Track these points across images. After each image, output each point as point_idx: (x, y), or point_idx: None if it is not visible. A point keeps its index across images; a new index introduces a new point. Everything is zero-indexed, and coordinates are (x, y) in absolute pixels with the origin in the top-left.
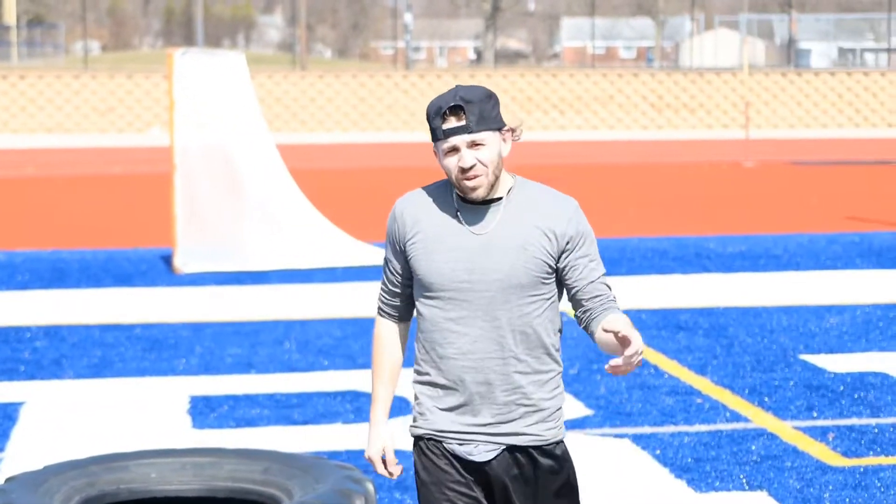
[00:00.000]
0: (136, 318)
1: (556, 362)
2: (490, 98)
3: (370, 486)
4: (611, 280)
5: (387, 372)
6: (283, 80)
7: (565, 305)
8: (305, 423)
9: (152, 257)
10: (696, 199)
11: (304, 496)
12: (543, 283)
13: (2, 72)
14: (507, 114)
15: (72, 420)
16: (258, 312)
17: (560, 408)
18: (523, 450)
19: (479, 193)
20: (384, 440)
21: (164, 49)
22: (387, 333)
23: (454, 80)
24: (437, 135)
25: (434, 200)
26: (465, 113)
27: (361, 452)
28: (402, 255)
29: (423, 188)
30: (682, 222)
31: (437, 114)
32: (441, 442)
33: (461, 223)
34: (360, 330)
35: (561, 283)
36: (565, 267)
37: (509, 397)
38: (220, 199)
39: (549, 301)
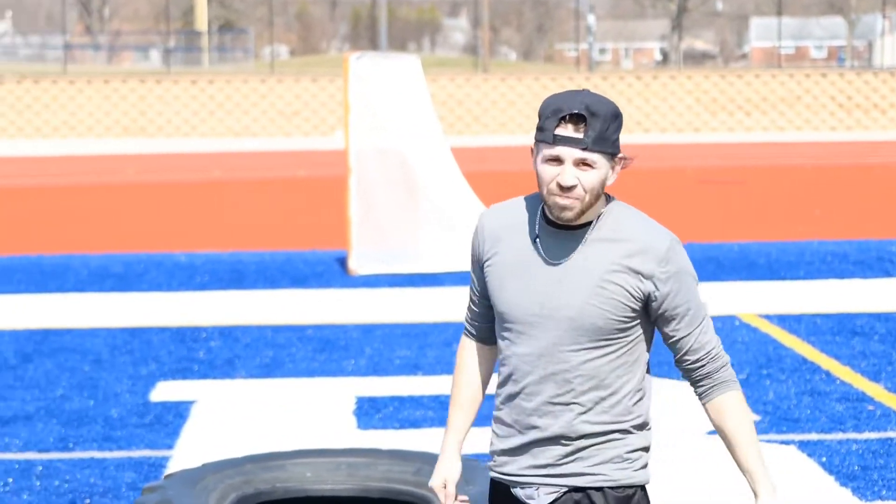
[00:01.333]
0: (308, 320)
1: (632, 416)
2: (616, 118)
3: None
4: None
5: (463, 397)
6: (465, 83)
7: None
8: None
9: (328, 259)
10: (883, 201)
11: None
12: (623, 329)
13: (191, 77)
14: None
15: (240, 419)
16: (429, 314)
17: (637, 450)
18: (582, 490)
19: (567, 216)
20: (447, 472)
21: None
22: (467, 355)
23: (637, 81)
24: (546, 137)
25: (518, 219)
26: (586, 125)
27: None
28: (481, 273)
29: (513, 201)
30: (867, 225)
31: (554, 114)
32: (508, 486)
33: (538, 249)
34: None
35: (655, 331)
36: (658, 318)
37: (570, 443)
38: (394, 202)
39: (629, 349)
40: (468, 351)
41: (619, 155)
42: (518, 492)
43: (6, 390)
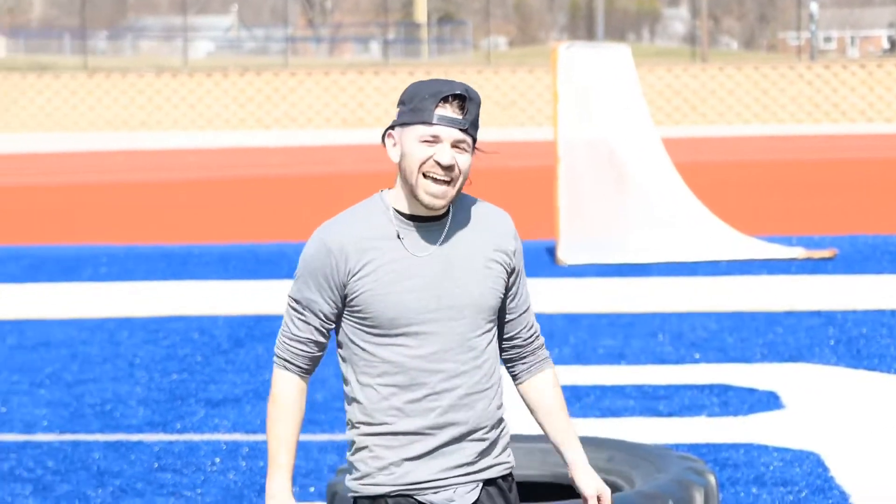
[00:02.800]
0: None
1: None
2: (480, 106)
3: (712, 479)
4: None
5: (292, 437)
6: (682, 73)
7: None
8: (670, 414)
9: (537, 249)
10: None
11: (643, 485)
12: (500, 305)
13: (409, 68)
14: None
15: None
16: (635, 305)
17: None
18: (493, 482)
19: (439, 204)
20: None
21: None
22: (290, 391)
23: (861, 70)
24: (426, 117)
25: (369, 226)
26: (465, 107)
27: (723, 446)
28: (337, 294)
29: (347, 213)
30: None
31: (433, 96)
32: (411, 496)
33: (410, 247)
34: (738, 323)
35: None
36: (507, 293)
37: (489, 432)
38: (603, 192)
39: (497, 325)
40: (291, 386)
41: (476, 145)
42: (431, 497)
43: (218, 374)
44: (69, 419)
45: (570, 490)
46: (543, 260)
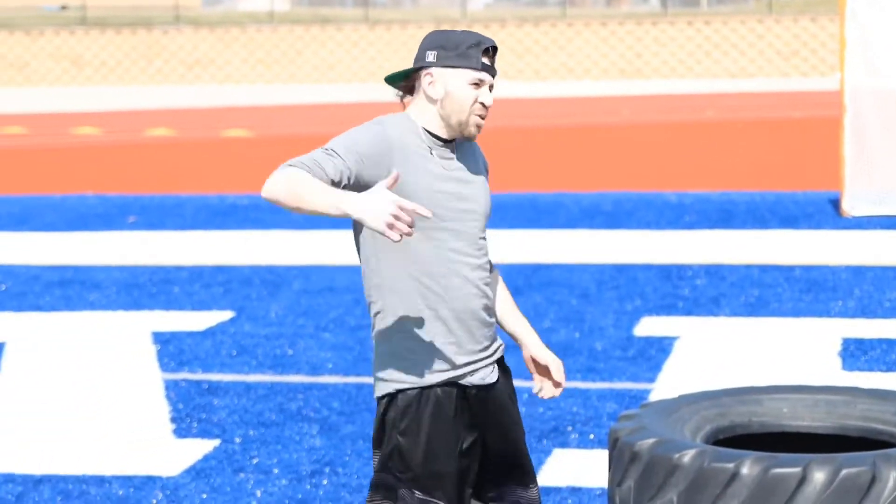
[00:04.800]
0: (797, 260)
1: None
2: None
3: None
4: None
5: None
6: None
7: None
8: None
9: (820, 200)
10: None
11: None
12: None
13: (688, 18)
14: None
15: (722, 356)
16: None
17: None
18: (500, 361)
19: (476, 133)
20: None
21: None
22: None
23: None
24: (474, 64)
25: (410, 133)
26: (494, 57)
27: None
28: (368, 171)
29: (393, 118)
30: None
31: (476, 46)
32: (454, 382)
33: (439, 158)
34: None
35: None
36: None
37: (492, 319)
38: (889, 143)
39: None
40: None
41: None
42: (469, 379)
43: None
44: (353, 362)
45: (855, 441)
46: (827, 211)
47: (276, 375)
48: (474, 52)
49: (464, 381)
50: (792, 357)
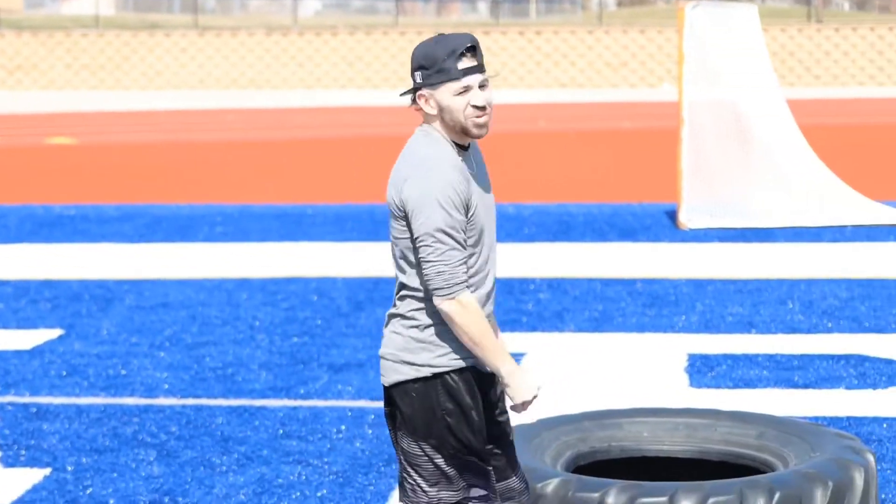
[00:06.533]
0: (638, 274)
1: None
2: None
3: (871, 458)
4: None
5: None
6: (797, 34)
7: None
8: (806, 386)
9: (657, 212)
10: None
11: (799, 464)
12: None
13: (519, 28)
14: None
15: (570, 373)
16: (761, 270)
17: None
18: None
19: (485, 132)
20: (535, 378)
21: (678, 3)
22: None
23: None
24: (451, 75)
25: (450, 153)
26: (477, 53)
27: (864, 420)
28: (466, 213)
29: (427, 144)
30: None
31: (450, 55)
32: (476, 368)
33: (471, 171)
34: (869, 291)
35: None
36: None
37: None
38: (727, 155)
39: None
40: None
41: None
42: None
43: (339, 337)
44: (190, 383)
45: (716, 466)
46: (665, 224)
47: (110, 398)
48: (451, 62)
49: (482, 369)
50: (640, 374)
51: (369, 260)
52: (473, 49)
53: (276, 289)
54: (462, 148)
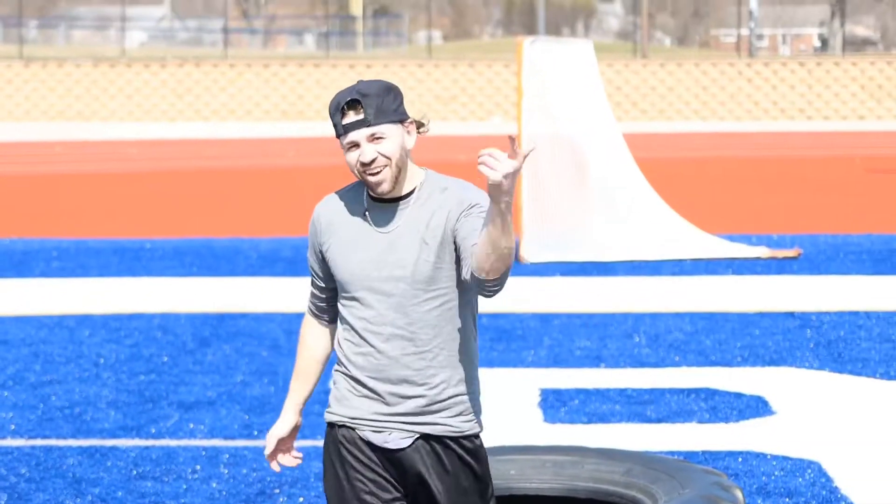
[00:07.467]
0: (483, 308)
1: (472, 357)
2: (390, 91)
3: (739, 495)
4: None
5: (302, 369)
6: (623, 69)
7: None
8: (659, 420)
9: None
10: None
11: (668, 501)
12: (451, 275)
13: (349, 61)
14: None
15: None
16: (606, 304)
17: (477, 401)
18: (439, 439)
19: (384, 188)
20: (277, 428)
21: (504, 38)
22: (308, 332)
23: (800, 68)
24: (338, 130)
25: (348, 202)
26: (362, 106)
27: (719, 454)
28: (321, 258)
29: (341, 190)
30: None
31: (336, 109)
32: (354, 429)
33: (370, 223)
34: (713, 325)
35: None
36: (456, 233)
37: (428, 390)
38: (566, 189)
39: (459, 294)
40: (309, 328)
41: (408, 120)
42: (368, 434)
43: (187, 375)
44: (38, 423)
45: (585, 503)
46: None
47: None
48: (337, 118)
49: (361, 433)
50: (493, 409)
51: (212, 295)
52: (355, 103)
53: (118, 325)
54: (382, 200)
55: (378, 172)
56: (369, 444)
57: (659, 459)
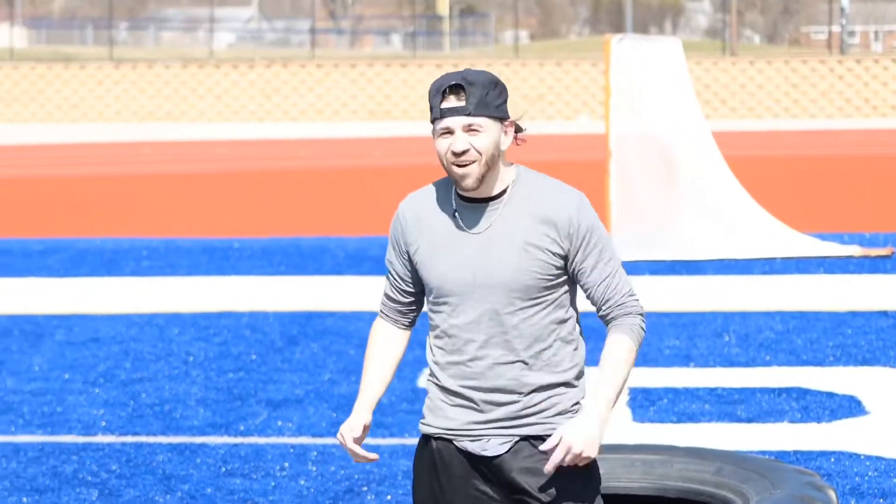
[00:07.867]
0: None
1: (576, 360)
2: (496, 85)
3: (833, 495)
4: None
5: (372, 370)
6: (712, 67)
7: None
8: (750, 420)
9: None
10: None
11: (760, 501)
12: (551, 285)
13: (436, 61)
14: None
15: None
16: (695, 303)
17: (578, 402)
18: (539, 437)
19: (469, 183)
20: (348, 424)
21: (591, 37)
22: (379, 336)
23: (893, 65)
24: (435, 113)
25: (436, 200)
26: (465, 94)
27: (811, 454)
28: (405, 258)
29: (428, 187)
30: None
31: (437, 92)
32: (451, 440)
33: (459, 224)
34: (804, 324)
35: (574, 283)
36: (575, 270)
37: (521, 398)
38: (655, 187)
39: (558, 302)
40: (380, 331)
41: (508, 119)
42: (467, 444)
43: (275, 373)
44: (128, 420)
45: (674, 502)
46: None
47: (47, 435)
48: (436, 100)
49: (458, 444)
50: None
51: (300, 293)
52: (459, 88)
53: (207, 323)
54: (472, 200)
55: (466, 165)
56: (467, 454)
57: (750, 459)
